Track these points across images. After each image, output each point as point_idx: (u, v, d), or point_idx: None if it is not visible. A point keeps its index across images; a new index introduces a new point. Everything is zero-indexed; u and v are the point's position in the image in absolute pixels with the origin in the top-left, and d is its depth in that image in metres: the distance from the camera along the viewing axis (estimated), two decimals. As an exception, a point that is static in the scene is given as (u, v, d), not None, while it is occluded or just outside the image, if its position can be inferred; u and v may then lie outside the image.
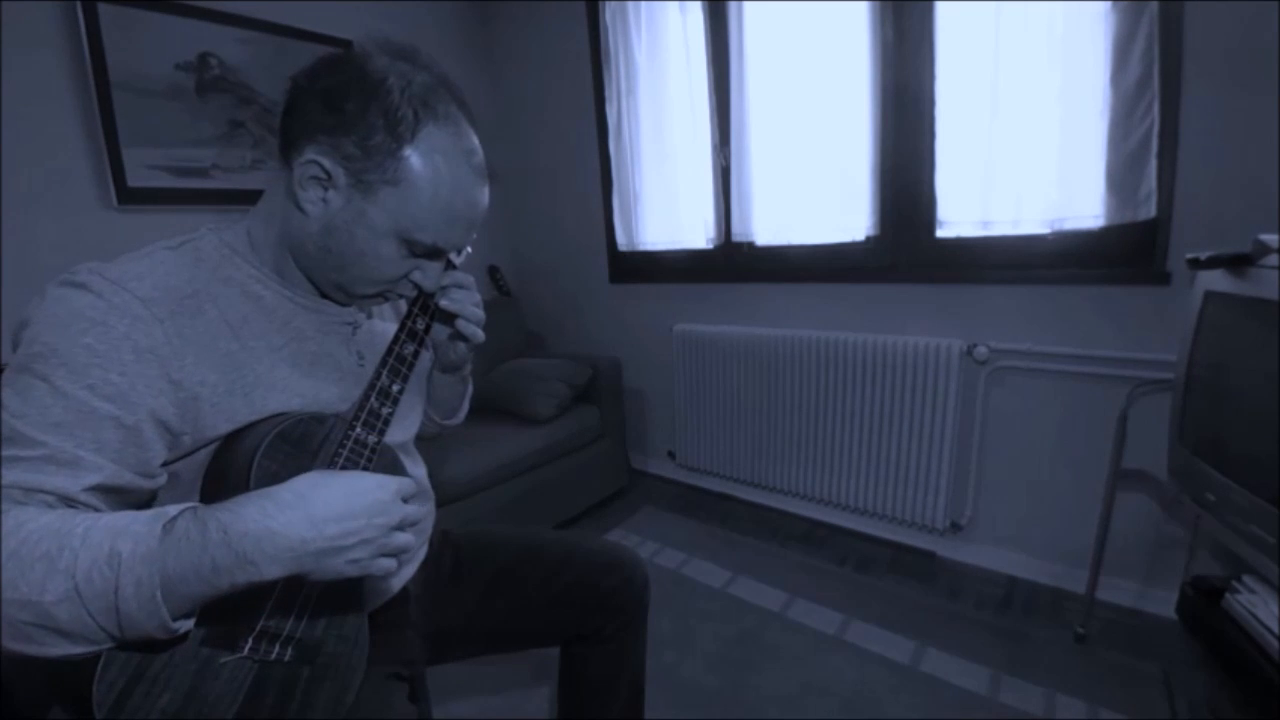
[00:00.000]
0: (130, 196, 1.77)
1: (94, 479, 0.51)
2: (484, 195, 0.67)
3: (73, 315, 0.53)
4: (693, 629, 1.59)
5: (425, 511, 0.60)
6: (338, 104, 0.58)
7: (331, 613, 0.65)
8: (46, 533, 0.45)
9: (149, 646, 0.51)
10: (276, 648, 0.60)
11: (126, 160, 1.75)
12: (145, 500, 0.59)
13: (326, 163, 0.59)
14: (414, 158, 0.59)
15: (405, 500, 0.57)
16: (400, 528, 0.56)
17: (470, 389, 0.96)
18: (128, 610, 0.45)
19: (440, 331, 0.79)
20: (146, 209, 1.80)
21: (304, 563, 0.50)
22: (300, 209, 0.62)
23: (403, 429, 0.80)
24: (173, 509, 0.49)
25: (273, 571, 0.48)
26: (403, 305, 0.74)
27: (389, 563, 0.56)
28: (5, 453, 0.49)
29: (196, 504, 0.51)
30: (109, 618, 0.45)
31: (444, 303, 0.72)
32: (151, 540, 0.46)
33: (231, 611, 0.57)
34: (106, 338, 0.53)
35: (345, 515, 0.51)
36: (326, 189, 0.61)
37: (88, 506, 0.52)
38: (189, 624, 0.49)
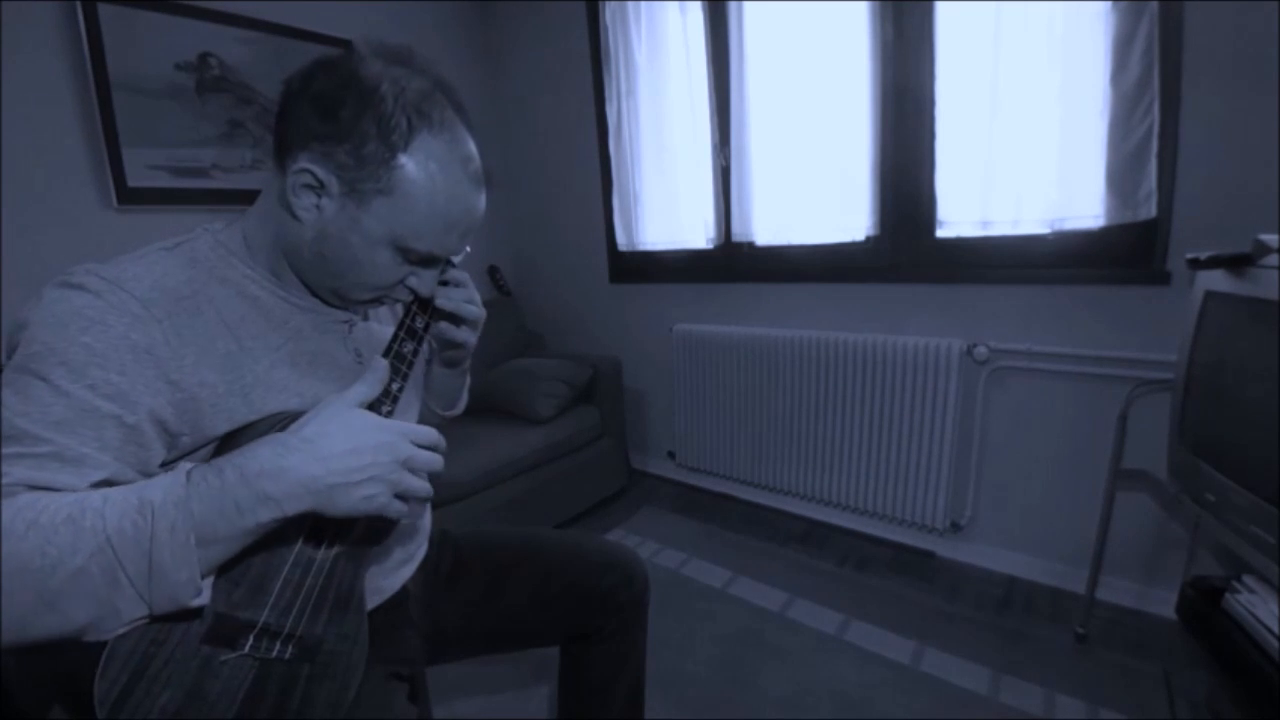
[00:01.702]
0: (130, 197, 1.77)
1: (99, 475, 0.52)
2: (481, 202, 0.66)
3: (71, 314, 0.53)
4: (693, 629, 1.59)
5: (437, 462, 0.61)
6: (330, 111, 0.57)
7: (331, 611, 0.65)
8: (65, 501, 0.47)
9: (167, 618, 0.51)
10: (277, 645, 0.60)
11: (126, 160, 1.75)
12: None
13: (319, 171, 0.58)
14: (408, 166, 0.59)
15: (419, 445, 0.59)
16: (413, 471, 0.58)
17: (469, 380, 0.96)
18: (160, 558, 0.47)
19: (438, 331, 0.79)
20: (146, 209, 1.80)
21: (320, 498, 0.53)
22: (294, 215, 0.61)
23: None
24: (187, 464, 0.52)
25: (293, 506, 0.51)
26: (398, 306, 0.74)
27: (402, 506, 0.58)
28: (9, 450, 0.49)
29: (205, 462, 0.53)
30: (139, 566, 0.46)
31: (440, 301, 0.72)
32: (178, 488, 0.49)
33: (233, 609, 0.57)
34: (105, 337, 0.53)
35: (350, 452, 0.54)
36: (320, 196, 0.60)
37: None
38: (206, 596, 0.51)
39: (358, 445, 0.55)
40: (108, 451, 0.52)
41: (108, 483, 0.52)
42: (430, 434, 0.61)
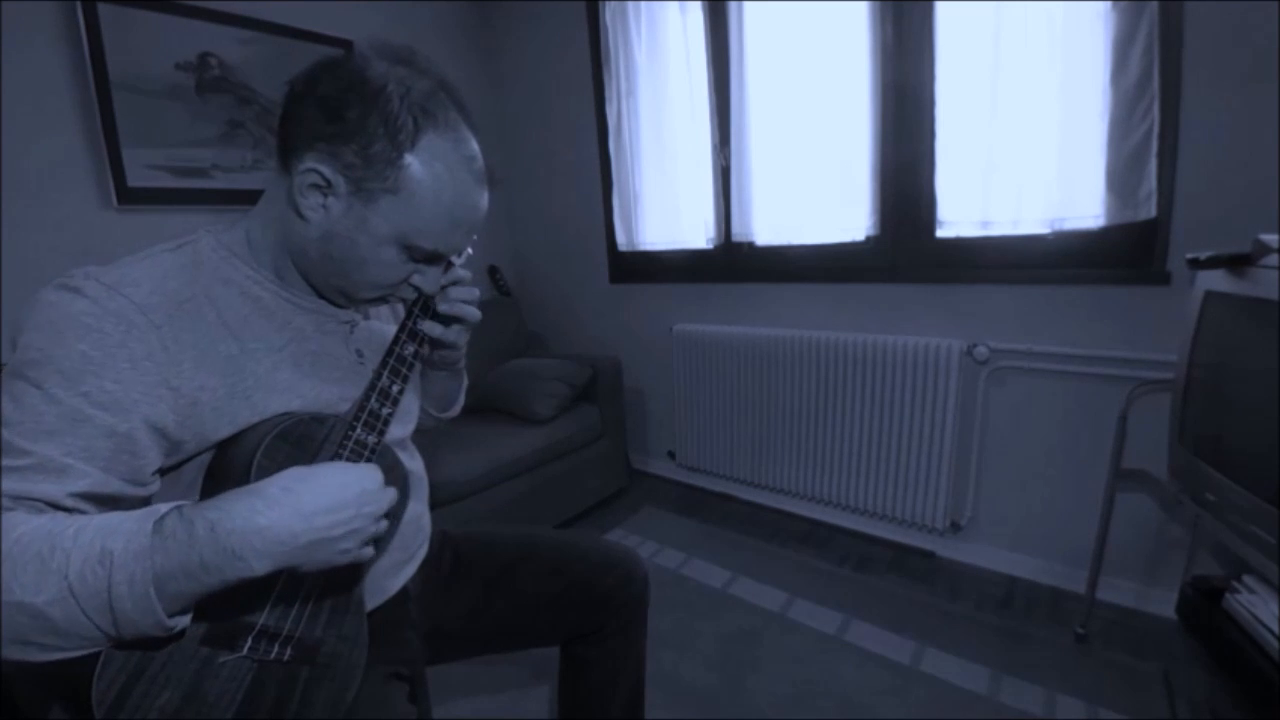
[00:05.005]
0: (130, 196, 1.76)
1: (80, 485, 0.51)
2: (484, 200, 0.67)
3: (68, 321, 0.52)
4: (693, 629, 1.59)
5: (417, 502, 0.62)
6: (337, 112, 0.57)
7: (331, 612, 0.65)
8: (39, 534, 0.46)
9: (148, 644, 0.51)
10: (276, 647, 0.60)
11: (126, 160, 1.75)
12: (137, 507, 0.58)
13: (326, 171, 0.58)
14: (415, 165, 0.59)
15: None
16: (385, 515, 0.58)
17: (465, 382, 0.96)
18: (122, 608, 0.45)
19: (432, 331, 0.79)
20: (146, 209, 1.80)
21: (294, 556, 0.51)
22: (300, 215, 0.61)
23: (401, 425, 0.80)
24: (163, 507, 0.49)
25: (263, 566, 0.49)
26: (399, 305, 0.74)
27: (371, 550, 0.58)
28: None
29: (184, 502, 0.51)
30: (104, 616, 0.45)
31: (443, 307, 0.73)
32: (142, 538, 0.46)
33: (231, 610, 0.57)
34: (102, 344, 0.52)
35: (335, 507, 0.52)
36: (326, 196, 0.60)
37: (75, 511, 0.51)
38: (185, 620, 0.49)
39: (341, 498, 0.53)
40: (94, 461, 0.52)
41: (89, 495, 0.52)
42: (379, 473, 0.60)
